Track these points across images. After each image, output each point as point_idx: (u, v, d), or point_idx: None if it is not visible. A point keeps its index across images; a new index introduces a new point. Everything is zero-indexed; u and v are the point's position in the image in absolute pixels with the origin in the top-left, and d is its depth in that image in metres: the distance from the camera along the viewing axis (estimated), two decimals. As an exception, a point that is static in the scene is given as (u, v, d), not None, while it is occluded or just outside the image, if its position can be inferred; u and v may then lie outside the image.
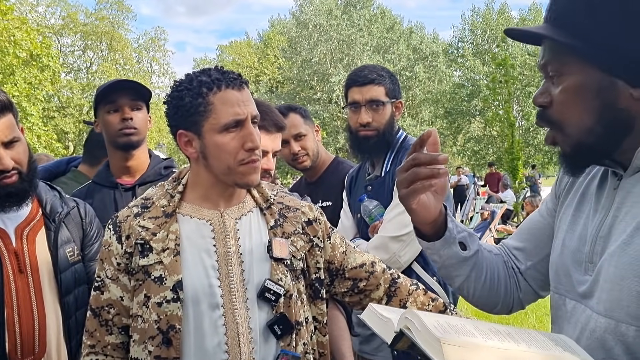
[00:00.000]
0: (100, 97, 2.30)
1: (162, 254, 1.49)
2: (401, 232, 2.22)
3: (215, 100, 1.46)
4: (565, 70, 1.06)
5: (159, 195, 1.59)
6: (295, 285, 1.57)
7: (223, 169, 1.50)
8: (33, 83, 20.29)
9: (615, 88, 1.02)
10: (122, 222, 1.55)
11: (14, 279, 1.74)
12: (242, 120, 1.47)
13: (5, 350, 1.70)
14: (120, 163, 2.34)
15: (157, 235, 1.51)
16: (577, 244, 1.13)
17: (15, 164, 1.74)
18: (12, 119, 1.76)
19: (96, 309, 1.54)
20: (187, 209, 1.56)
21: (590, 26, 1.02)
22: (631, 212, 1.02)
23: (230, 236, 1.53)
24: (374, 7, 35.98)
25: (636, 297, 0.96)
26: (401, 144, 2.42)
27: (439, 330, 0.90)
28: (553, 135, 1.11)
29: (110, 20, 32.38)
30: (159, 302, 1.46)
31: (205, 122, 1.47)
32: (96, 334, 1.54)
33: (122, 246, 1.52)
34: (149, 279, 1.48)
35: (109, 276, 1.53)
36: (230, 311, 1.47)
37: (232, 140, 1.47)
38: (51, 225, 1.86)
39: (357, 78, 2.40)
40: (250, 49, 41.67)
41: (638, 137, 1.04)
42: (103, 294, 1.54)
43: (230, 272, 1.50)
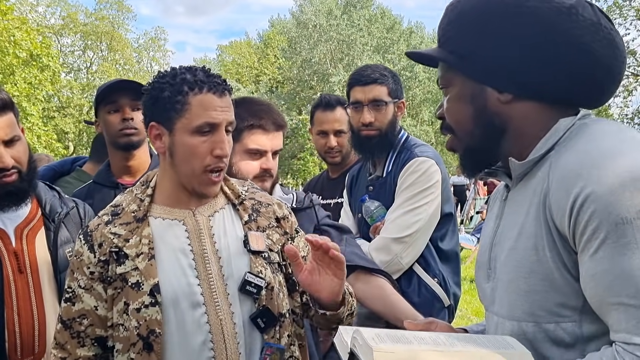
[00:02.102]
0: (100, 97, 2.30)
1: (136, 259, 1.47)
2: (403, 234, 2.22)
3: (194, 101, 1.45)
4: (449, 83, 1.23)
5: (128, 200, 1.57)
6: (276, 277, 1.56)
7: (187, 172, 1.49)
8: (33, 83, 20.31)
9: (485, 94, 1.17)
10: (93, 231, 1.52)
11: (13, 279, 1.74)
12: (215, 125, 1.46)
13: (5, 350, 1.70)
14: (121, 163, 2.34)
15: (130, 241, 1.49)
16: (480, 255, 1.27)
17: (15, 163, 1.74)
18: (13, 117, 1.77)
19: (67, 321, 1.50)
20: (158, 211, 1.55)
21: (460, 44, 1.18)
22: (513, 219, 1.15)
23: (204, 234, 1.53)
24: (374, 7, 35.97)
25: (524, 295, 1.08)
26: (403, 144, 2.41)
27: (375, 341, 1.00)
28: (451, 141, 1.26)
29: (110, 20, 32.40)
30: (137, 307, 1.44)
31: (178, 120, 1.46)
32: (67, 346, 1.49)
33: (95, 255, 1.49)
34: (126, 285, 1.47)
35: (82, 286, 1.50)
36: (213, 308, 1.47)
37: (202, 143, 1.46)
38: (51, 225, 1.86)
39: (359, 77, 2.40)
40: (250, 49, 41.66)
41: (513, 140, 1.17)
42: (74, 304, 1.50)
43: (209, 270, 1.50)
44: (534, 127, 1.14)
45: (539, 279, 1.06)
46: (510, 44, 1.12)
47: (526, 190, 1.13)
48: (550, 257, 1.04)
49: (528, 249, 1.08)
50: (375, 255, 2.23)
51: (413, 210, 2.24)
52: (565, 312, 1.04)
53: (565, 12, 1.10)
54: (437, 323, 1.32)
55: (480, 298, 1.29)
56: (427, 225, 2.26)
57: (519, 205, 1.14)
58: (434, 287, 2.28)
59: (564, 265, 1.03)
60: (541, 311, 1.06)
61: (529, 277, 1.07)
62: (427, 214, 2.25)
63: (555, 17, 1.10)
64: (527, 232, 1.08)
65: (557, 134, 1.11)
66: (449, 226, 2.37)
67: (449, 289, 2.32)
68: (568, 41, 1.10)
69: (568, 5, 1.10)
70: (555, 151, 1.10)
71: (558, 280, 1.04)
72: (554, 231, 1.03)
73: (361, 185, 2.51)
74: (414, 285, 2.27)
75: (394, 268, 2.24)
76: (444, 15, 1.23)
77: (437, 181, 2.28)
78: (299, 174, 27.78)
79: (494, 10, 1.14)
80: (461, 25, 1.18)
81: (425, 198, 2.25)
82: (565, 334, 1.05)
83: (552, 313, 1.05)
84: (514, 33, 1.12)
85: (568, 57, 1.10)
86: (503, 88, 1.15)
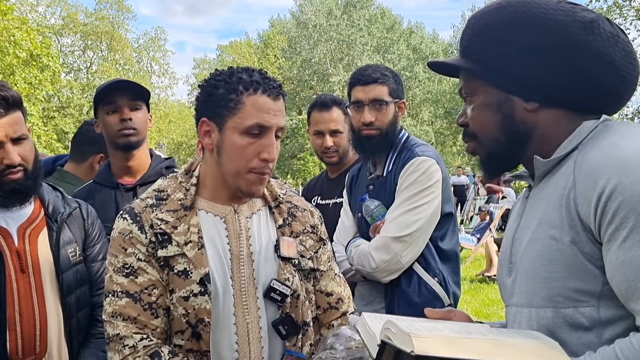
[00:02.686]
0: (99, 97, 2.29)
1: (185, 247, 1.47)
2: (403, 233, 2.22)
3: (247, 101, 1.45)
4: (473, 92, 1.27)
5: (173, 187, 1.57)
6: (304, 285, 1.57)
7: (232, 171, 1.49)
8: (33, 83, 20.28)
9: (511, 103, 1.22)
10: (141, 213, 1.51)
11: (15, 279, 1.74)
12: (266, 128, 1.46)
13: (7, 349, 1.70)
14: (121, 163, 2.34)
15: (178, 228, 1.49)
16: (502, 254, 1.31)
17: (21, 161, 1.76)
18: (21, 116, 1.79)
19: (135, 294, 1.46)
20: (202, 204, 1.55)
21: (486, 54, 1.23)
22: (533, 212, 1.20)
23: (243, 235, 1.53)
24: (374, 7, 35.96)
25: (545, 281, 1.13)
26: (403, 144, 2.41)
27: (410, 329, 1.02)
28: (472, 146, 1.30)
29: (110, 20, 32.37)
30: (185, 296, 1.45)
31: (230, 118, 1.46)
32: (140, 318, 1.45)
33: (146, 235, 1.49)
34: (172, 272, 1.47)
35: (142, 259, 1.48)
36: (241, 310, 1.48)
37: (250, 145, 1.46)
38: (53, 225, 1.86)
39: (360, 77, 2.40)
40: (250, 49, 41.61)
41: (538, 144, 1.22)
42: (137, 278, 1.47)
43: (242, 272, 1.50)
44: (558, 132, 1.20)
45: (559, 266, 1.10)
46: (536, 55, 1.17)
47: (547, 187, 1.18)
48: (571, 246, 1.09)
49: (548, 238, 1.12)
50: (375, 254, 2.23)
51: (413, 210, 2.24)
52: (584, 297, 1.09)
53: (588, 25, 1.16)
54: (455, 312, 1.35)
55: (502, 296, 1.33)
56: (427, 224, 2.27)
57: (540, 200, 1.19)
58: (434, 286, 2.28)
59: (585, 253, 1.08)
60: (560, 297, 1.11)
61: (549, 265, 1.12)
62: (427, 214, 2.25)
63: (579, 30, 1.15)
64: (547, 223, 1.13)
65: (582, 135, 1.16)
66: (449, 226, 2.37)
67: (449, 288, 2.32)
68: (591, 53, 1.16)
69: (590, 19, 1.17)
70: (579, 150, 1.15)
71: (578, 267, 1.08)
72: (577, 222, 1.08)
73: (361, 184, 2.51)
74: (414, 285, 2.27)
75: (394, 267, 2.24)
76: (467, 27, 1.28)
77: (437, 181, 2.29)
78: (299, 174, 27.76)
79: (520, 24, 1.18)
80: (486, 37, 1.23)
81: (426, 197, 2.26)
82: (584, 318, 1.09)
83: (571, 299, 1.10)
84: (540, 44, 1.17)
85: (591, 68, 1.16)
86: (529, 97, 1.20)
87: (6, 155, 1.73)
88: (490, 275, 9.25)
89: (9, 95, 1.73)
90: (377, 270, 2.24)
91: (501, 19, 1.21)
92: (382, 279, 2.27)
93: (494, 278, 9.20)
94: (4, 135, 1.72)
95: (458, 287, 2.41)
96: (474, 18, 1.28)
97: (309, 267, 1.59)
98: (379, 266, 2.23)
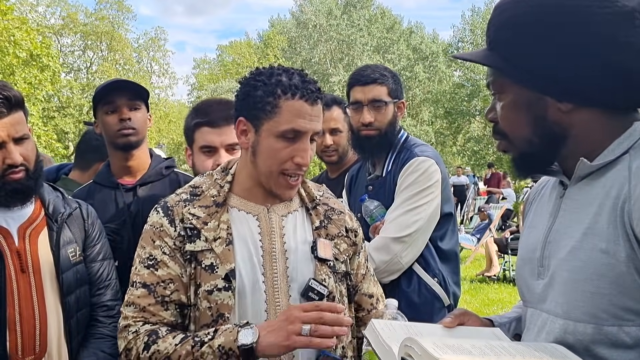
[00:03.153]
0: (97, 97, 2.29)
1: (213, 242, 1.49)
2: (403, 233, 2.22)
3: (284, 106, 1.45)
4: (502, 90, 1.19)
5: (208, 184, 1.59)
6: (339, 287, 1.58)
7: (265, 171, 1.51)
8: (33, 83, 20.27)
9: (544, 103, 1.14)
10: (173, 207, 1.54)
11: (15, 279, 1.74)
12: (301, 133, 1.47)
13: (7, 349, 1.70)
14: (121, 163, 2.34)
15: (209, 224, 1.51)
16: (528, 252, 1.23)
17: (23, 161, 1.76)
18: (23, 116, 1.79)
19: (151, 285, 1.49)
20: (235, 201, 1.57)
21: (514, 50, 1.14)
22: (576, 218, 1.12)
23: (275, 233, 1.55)
24: (374, 7, 35.96)
25: (590, 297, 1.06)
26: (403, 144, 2.42)
27: (438, 352, 0.98)
28: (504, 145, 1.23)
29: (110, 20, 32.37)
30: (209, 289, 1.46)
31: (266, 121, 1.47)
32: (150, 308, 1.48)
33: (176, 229, 1.51)
34: (199, 266, 1.48)
35: (167, 253, 1.51)
36: (273, 307, 1.49)
37: (285, 149, 1.48)
38: (54, 225, 1.86)
39: (359, 77, 2.40)
40: (250, 49, 41.61)
41: (575, 145, 1.14)
42: (158, 270, 1.50)
43: (275, 268, 1.51)
44: (598, 132, 1.12)
45: (608, 282, 1.04)
46: (571, 53, 1.08)
47: (592, 190, 1.11)
48: (625, 262, 1.02)
49: (597, 250, 1.05)
50: (375, 254, 2.23)
51: (413, 210, 2.24)
52: (631, 316, 1.03)
53: (628, 17, 1.06)
54: (469, 315, 1.32)
55: (522, 294, 1.27)
56: (427, 224, 2.27)
57: (582, 204, 1.12)
58: (434, 286, 2.28)
59: (639, 271, 1.01)
60: (605, 314, 1.05)
61: (597, 280, 1.05)
62: (427, 214, 2.26)
63: (618, 22, 1.06)
64: (597, 234, 1.06)
65: (633, 137, 1.09)
66: (448, 226, 2.37)
67: (449, 288, 2.32)
68: (631, 48, 1.06)
69: (630, 8, 1.06)
70: (631, 155, 1.08)
71: (629, 285, 1.02)
72: (632, 237, 1.01)
73: (360, 184, 2.52)
74: (414, 285, 2.27)
75: (393, 267, 2.24)
76: (493, 18, 1.19)
77: (436, 181, 2.29)
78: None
79: (552, 17, 1.09)
80: (514, 31, 1.13)
81: (425, 198, 2.26)
82: (628, 337, 1.04)
83: (617, 316, 1.04)
84: (575, 41, 1.08)
85: (632, 63, 1.07)
86: (562, 97, 1.12)
87: (8, 155, 1.74)
88: (490, 275, 9.25)
89: (12, 95, 1.73)
90: (377, 271, 2.23)
91: (531, 12, 1.11)
92: (382, 279, 2.26)
93: (494, 278, 9.20)
94: (6, 135, 1.72)
95: (458, 287, 2.41)
96: (500, 8, 1.17)
97: (342, 270, 1.60)
98: (378, 267, 2.23)
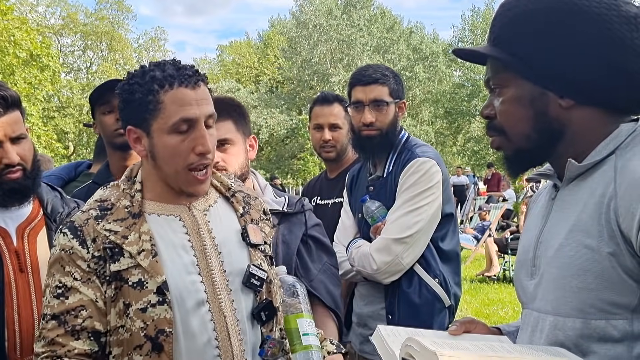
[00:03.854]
0: (94, 98, 2.29)
1: (137, 256, 1.39)
2: (404, 234, 2.21)
3: (166, 99, 1.37)
4: (503, 84, 1.20)
5: (116, 195, 1.48)
6: (272, 269, 1.55)
7: (171, 172, 1.44)
8: (33, 83, 20.29)
9: (546, 98, 1.15)
10: (82, 226, 1.42)
11: (14, 278, 1.74)
12: (193, 120, 1.39)
13: (5, 348, 1.70)
14: (120, 163, 2.34)
15: (129, 237, 1.41)
16: (523, 254, 1.25)
17: (20, 160, 1.75)
18: (20, 115, 1.78)
19: (60, 316, 1.38)
20: (151, 207, 1.48)
21: (520, 45, 1.15)
22: (563, 217, 1.14)
23: (203, 229, 1.48)
24: (374, 7, 35.96)
25: (577, 292, 1.08)
26: (404, 144, 2.41)
27: (435, 347, 1.00)
28: (499, 141, 1.23)
29: (110, 20, 32.41)
30: (142, 307, 1.37)
31: (154, 121, 1.39)
32: (58, 339, 1.36)
33: (89, 250, 1.40)
34: (125, 285, 1.39)
35: (78, 278, 1.39)
36: (216, 305, 1.43)
37: (182, 142, 1.39)
38: (52, 225, 1.86)
39: (361, 77, 2.39)
40: (250, 49, 41.64)
41: (570, 143, 1.16)
42: (68, 298, 1.39)
43: (211, 266, 1.45)
44: (593, 132, 1.14)
45: (593, 277, 1.05)
46: (575, 50, 1.11)
47: (580, 190, 1.13)
48: (609, 258, 1.04)
49: (582, 246, 1.07)
50: (376, 255, 2.23)
51: (414, 211, 2.24)
52: (618, 310, 1.05)
53: (632, 21, 1.09)
54: (476, 323, 1.32)
55: (519, 296, 1.29)
56: (428, 225, 2.26)
57: (570, 204, 1.14)
58: (435, 287, 2.27)
59: (624, 266, 1.03)
60: (592, 308, 1.06)
61: (582, 275, 1.07)
62: (428, 215, 2.25)
63: (622, 25, 1.09)
64: (582, 230, 1.08)
65: (619, 138, 1.11)
66: (449, 226, 2.37)
67: (450, 289, 2.32)
68: (634, 50, 1.09)
69: (633, 14, 1.10)
70: (617, 155, 1.10)
71: (614, 280, 1.04)
72: (617, 234, 1.03)
73: (361, 185, 2.51)
74: (415, 286, 2.27)
75: (395, 268, 2.24)
76: (499, 14, 1.20)
77: (438, 182, 2.28)
78: (299, 174, 27.75)
79: (559, 15, 1.11)
80: (522, 27, 1.15)
81: (427, 199, 2.25)
82: (615, 331, 1.05)
83: (603, 310, 1.06)
84: (579, 39, 1.11)
85: (633, 66, 1.10)
86: (564, 93, 1.14)
87: (5, 154, 1.73)
88: (490, 275, 9.25)
89: (8, 95, 1.73)
90: (379, 271, 2.23)
91: (539, 8, 1.13)
92: (383, 280, 2.26)
93: (494, 278, 9.21)
94: (2, 134, 1.72)
95: (459, 287, 2.40)
96: (508, 4, 1.19)
97: (269, 253, 1.57)
98: (380, 268, 2.22)
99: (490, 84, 1.23)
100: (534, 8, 1.14)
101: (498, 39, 1.19)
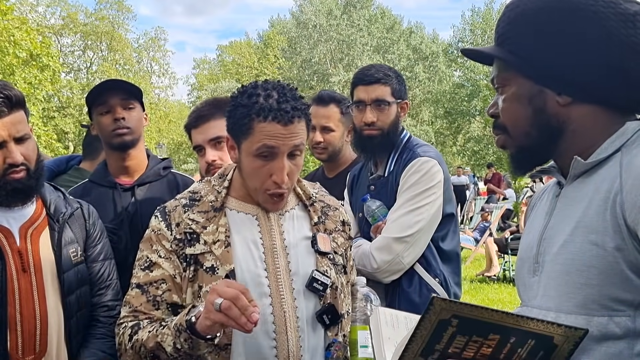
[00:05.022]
0: (91, 99, 2.29)
1: (212, 245, 1.55)
2: (405, 233, 2.22)
3: (257, 128, 1.50)
4: (506, 82, 1.23)
5: (206, 190, 1.66)
6: (339, 278, 1.64)
7: (251, 187, 1.58)
8: (33, 83, 20.25)
9: (544, 96, 1.18)
10: (171, 212, 1.61)
11: (17, 278, 1.74)
12: (274, 150, 1.51)
13: (7, 348, 1.70)
14: (118, 163, 2.33)
15: (208, 228, 1.58)
16: (525, 252, 1.26)
17: (24, 160, 1.76)
18: (24, 115, 1.79)
19: (144, 285, 1.57)
20: (233, 204, 1.64)
21: (521, 44, 1.19)
22: (568, 213, 1.15)
23: (275, 230, 1.61)
24: (374, 7, 35.98)
25: (580, 288, 1.08)
26: (405, 144, 2.41)
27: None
28: (503, 139, 1.26)
29: (110, 20, 32.37)
30: None
31: (244, 140, 1.54)
32: (141, 308, 1.56)
33: (172, 233, 1.58)
34: (200, 269, 1.54)
35: (162, 255, 1.57)
36: (278, 300, 1.54)
37: (262, 167, 1.53)
38: (55, 225, 1.86)
39: (363, 77, 2.39)
40: (250, 49, 41.63)
41: (572, 141, 1.18)
42: (152, 272, 1.57)
43: (277, 264, 1.57)
44: (593, 129, 1.16)
45: (597, 273, 1.06)
46: (573, 48, 1.13)
47: (584, 187, 1.14)
48: (614, 253, 1.04)
49: (586, 242, 1.08)
50: (376, 254, 2.23)
51: (415, 210, 2.24)
52: (620, 306, 1.05)
53: (630, 18, 1.11)
54: None
55: (519, 294, 1.29)
56: (429, 225, 2.27)
57: (575, 201, 1.15)
58: (435, 287, 2.28)
59: (629, 262, 1.03)
60: (594, 304, 1.07)
61: (586, 271, 1.07)
62: (429, 214, 2.25)
63: (620, 23, 1.10)
64: (587, 227, 1.08)
65: (625, 136, 1.12)
66: (450, 226, 2.37)
67: (450, 288, 2.32)
68: (632, 48, 1.10)
69: (632, 12, 1.11)
70: (623, 152, 1.11)
71: (618, 276, 1.04)
72: (623, 229, 1.03)
73: (362, 184, 2.51)
74: (415, 285, 2.27)
75: (395, 268, 2.24)
76: (503, 15, 1.24)
77: (439, 181, 2.28)
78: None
79: (558, 14, 1.14)
80: (522, 27, 1.18)
81: (427, 198, 2.25)
82: (617, 328, 1.05)
83: (606, 307, 1.06)
84: (577, 37, 1.12)
85: (631, 64, 1.11)
86: (562, 91, 1.16)
87: (9, 154, 1.74)
88: (490, 275, 9.25)
89: (12, 95, 1.73)
90: (379, 270, 2.24)
91: (537, 9, 1.16)
92: (384, 279, 2.27)
93: (494, 278, 9.21)
94: (7, 134, 1.72)
95: (459, 287, 2.41)
96: (511, 5, 1.22)
97: (340, 263, 1.67)
98: (380, 267, 2.23)
99: (494, 82, 1.26)
100: (534, 7, 1.16)
101: (501, 38, 1.23)
